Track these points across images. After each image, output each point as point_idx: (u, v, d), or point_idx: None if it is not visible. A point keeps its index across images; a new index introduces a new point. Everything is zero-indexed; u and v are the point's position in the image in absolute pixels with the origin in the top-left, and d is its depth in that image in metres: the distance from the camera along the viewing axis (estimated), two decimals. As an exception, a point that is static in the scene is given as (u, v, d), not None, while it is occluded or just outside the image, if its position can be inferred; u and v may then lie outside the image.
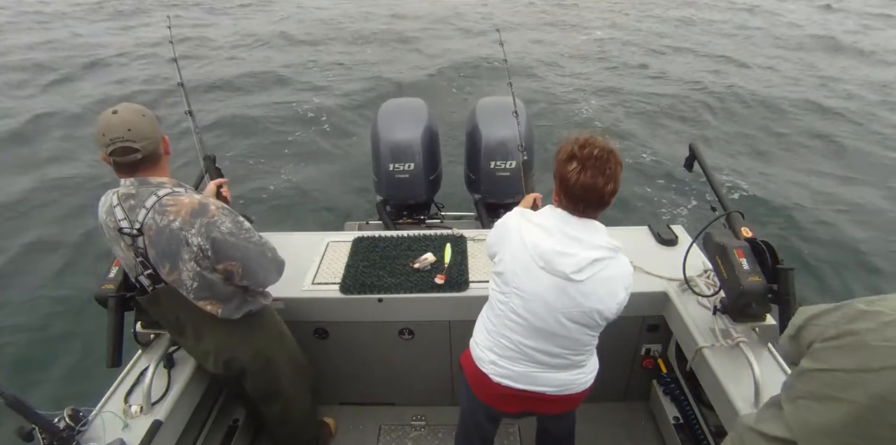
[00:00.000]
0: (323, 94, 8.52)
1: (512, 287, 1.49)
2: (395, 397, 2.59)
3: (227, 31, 12.43)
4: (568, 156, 1.36)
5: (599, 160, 1.33)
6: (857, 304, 1.05)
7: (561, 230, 1.41)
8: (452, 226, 2.69)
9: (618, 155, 1.37)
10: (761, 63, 9.50)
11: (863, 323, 1.01)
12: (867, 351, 0.98)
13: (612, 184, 1.35)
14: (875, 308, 1.02)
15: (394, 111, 3.23)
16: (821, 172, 5.93)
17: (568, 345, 1.52)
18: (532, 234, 1.45)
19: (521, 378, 1.58)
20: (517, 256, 1.46)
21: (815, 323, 1.12)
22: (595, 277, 1.41)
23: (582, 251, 1.39)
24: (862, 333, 1.00)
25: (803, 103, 7.71)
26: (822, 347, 1.06)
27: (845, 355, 1.02)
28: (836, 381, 1.02)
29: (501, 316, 1.55)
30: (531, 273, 1.44)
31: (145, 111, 1.54)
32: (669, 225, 2.49)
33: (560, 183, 1.40)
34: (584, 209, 1.40)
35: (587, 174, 1.33)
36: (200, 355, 1.82)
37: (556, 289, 1.42)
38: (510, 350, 1.56)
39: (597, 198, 1.36)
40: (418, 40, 11.09)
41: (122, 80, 9.13)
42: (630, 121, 7.21)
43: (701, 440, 2.09)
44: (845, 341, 1.02)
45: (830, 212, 5.15)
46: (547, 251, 1.41)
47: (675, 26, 11.98)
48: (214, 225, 1.54)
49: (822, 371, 1.05)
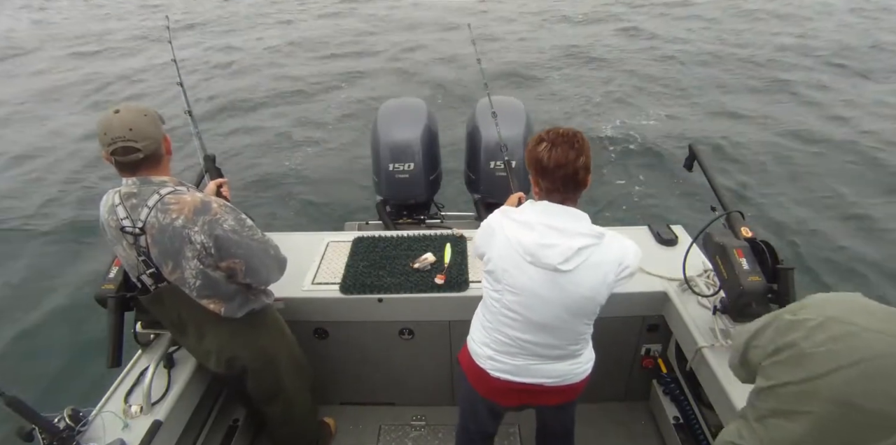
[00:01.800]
0: (323, 94, 8.52)
1: (504, 284, 1.50)
2: (395, 397, 2.59)
3: (228, 30, 12.44)
4: (537, 141, 1.43)
5: (566, 136, 1.40)
6: (785, 315, 1.07)
7: (542, 222, 1.43)
8: (452, 226, 2.70)
9: (583, 135, 1.43)
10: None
11: (794, 333, 1.03)
12: (807, 359, 1.00)
13: (583, 157, 1.39)
14: (801, 315, 1.04)
15: (393, 111, 3.23)
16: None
17: (565, 336, 1.54)
18: (515, 231, 1.47)
19: (519, 372, 1.60)
20: (504, 254, 1.48)
21: (755, 345, 1.14)
22: (583, 265, 1.42)
23: (565, 240, 1.41)
24: (797, 343, 1.02)
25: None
26: (768, 364, 1.08)
27: (790, 368, 1.03)
28: (792, 394, 1.03)
29: (496, 312, 1.56)
30: (520, 268, 1.46)
31: (147, 111, 1.54)
32: (669, 225, 2.49)
33: (534, 167, 1.44)
34: (563, 189, 1.42)
35: (557, 150, 1.38)
36: (202, 354, 1.82)
37: (548, 282, 1.44)
38: (507, 345, 1.57)
39: (572, 173, 1.39)
40: (419, 44, 11.08)
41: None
42: (630, 121, 7.21)
43: (701, 440, 2.09)
44: (785, 354, 1.04)
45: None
46: (531, 245, 1.43)
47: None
48: (217, 222, 1.54)
49: (775, 386, 1.07)
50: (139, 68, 10.08)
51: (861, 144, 6.17)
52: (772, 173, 5.82)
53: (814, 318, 1.01)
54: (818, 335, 0.99)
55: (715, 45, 10.13)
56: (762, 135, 6.61)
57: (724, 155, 6.16)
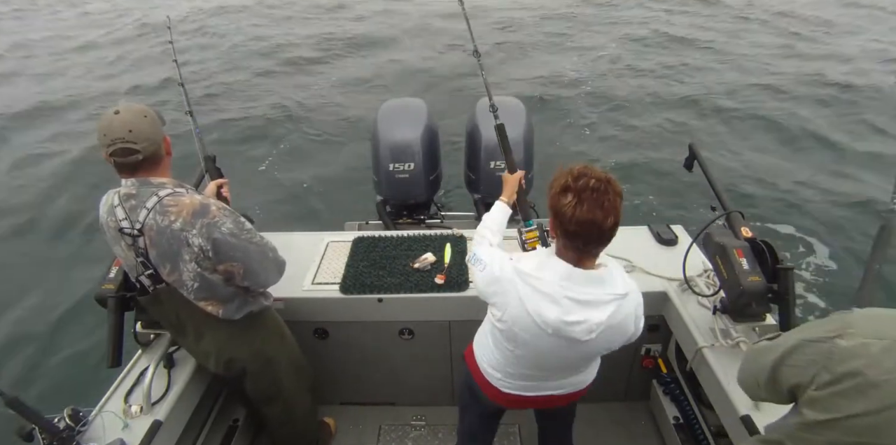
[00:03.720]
0: (323, 94, 8.52)
1: (518, 342, 1.43)
2: (395, 397, 2.59)
3: (227, 31, 12.43)
4: (562, 189, 1.25)
5: (597, 191, 1.21)
6: (837, 341, 0.98)
7: (567, 296, 1.30)
8: (452, 226, 2.70)
9: (616, 185, 1.25)
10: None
11: (855, 360, 0.95)
12: (876, 389, 0.92)
13: (612, 217, 1.22)
14: (856, 340, 0.96)
15: (394, 111, 3.24)
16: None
17: (576, 366, 1.57)
18: (534, 302, 1.33)
19: (530, 388, 1.61)
20: (521, 322, 1.37)
21: (789, 364, 1.05)
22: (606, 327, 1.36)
23: (594, 314, 1.31)
24: (861, 371, 0.93)
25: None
26: (824, 395, 0.98)
27: (854, 399, 0.95)
28: (859, 427, 0.95)
29: (507, 355, 1.52)
30: (539, 338, 1.38)
31: (147, 111, 1.54)
32: (669, 225, 2.49)
33: (555, 217, 1.28)
34: (584, 246, 1.28)
35: (584, 207, 1.21)
36: (201, 355, 1.83)
37: (567, 348, 1.39)
38: (518, 377, 1.58)
39: (597, 233, 1.24)
40: (419, 44, 11.08)
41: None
42: (629, 121, 7.21)
43: (701, 440, 2.09)
44: (849, 384, 0.95)
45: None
46: (555, 321, 1.32)
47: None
48: (215, 225, 1.54)
49: (835, 420, 0.98)
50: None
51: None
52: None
53: (874, 342, 0.94)
54: (886, 361, 0.92)
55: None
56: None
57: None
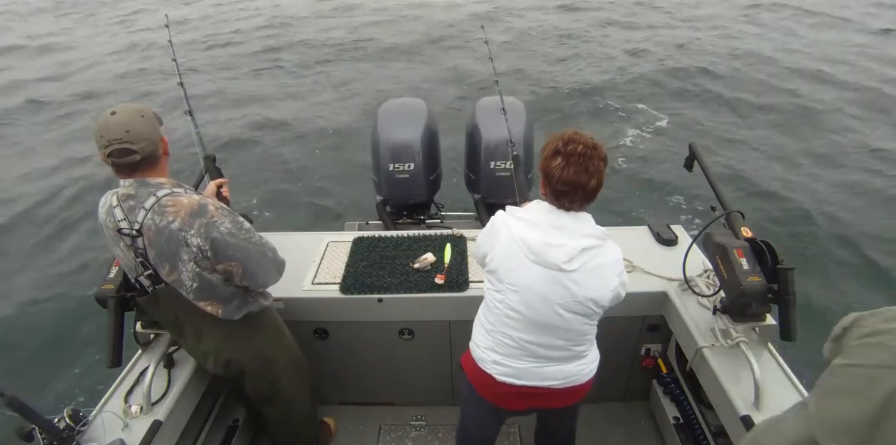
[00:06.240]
0: (322, 94, 8.52)
1: (506, 283, 1.50)
2: (395, 397, 2.59)
3: (227, 31, 12.44)
4: (552, 152, 1.41)
5: (583, 157, 1.38)
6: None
7: (548, 221, 1.45)
8: (452, 226, 2.69)
9: (602, 150, 1.41)
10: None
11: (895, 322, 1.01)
12: (890, 349, 0.98)
13: (595, 179, 1.39)
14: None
15: (394, 111, 3.23)
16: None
17: (568, 336, 1.54)
18: (519, 228, 1.48)
19: (525, 375, 1.59)
20: (507, 252, 1.48)
21: (860, 324, 1.10)
22: (586, 266, 1.44)
23: (570, 240, 1.42)
24: (891, 332, 0.99)
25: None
26: (855, 344, 1.06)
27: (870, 351, 1.01)
28: (860, 376, 1.01)
29: (499, 314, 1.56)
30: (523, 266, 1.46)
31: (144, 111, 1.53)
32: (669, 225, 2.49)
33: (545, 177, 1.45)
34: (568, 204, 1.43)
35: (570, 170, 1.37)
36: (200, 355, 1.83)
37: (550, 281, 1.45)
38: (511, 347, 1.57)
39: (581, 193, 1.40)
40: (420, 45, 11.07)
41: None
42: (629, 121, 7.21)
43: (701, 440, 2.09)
44: (874, 339, 1.02)
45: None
46: (536, 243, 1.43)
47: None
48: (214, 225, 1.53)
49: (848, 366, 1.04)
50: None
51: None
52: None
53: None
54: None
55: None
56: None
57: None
